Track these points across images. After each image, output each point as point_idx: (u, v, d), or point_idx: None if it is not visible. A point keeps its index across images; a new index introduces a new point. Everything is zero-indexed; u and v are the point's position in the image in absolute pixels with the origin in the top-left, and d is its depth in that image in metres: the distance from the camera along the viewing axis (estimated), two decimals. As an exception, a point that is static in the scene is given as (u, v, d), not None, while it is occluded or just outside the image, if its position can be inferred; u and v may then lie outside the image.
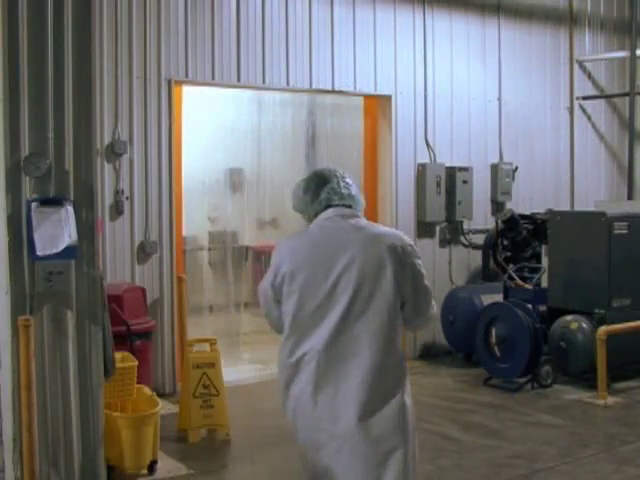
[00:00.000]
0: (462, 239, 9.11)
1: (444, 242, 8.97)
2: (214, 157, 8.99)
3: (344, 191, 3.33)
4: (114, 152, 6.88)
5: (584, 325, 7.22)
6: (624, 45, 10.54)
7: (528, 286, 7.71)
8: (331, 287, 3.13)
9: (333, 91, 8.25)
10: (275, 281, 3.26)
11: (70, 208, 4.40)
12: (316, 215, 3.33)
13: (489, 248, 8.85)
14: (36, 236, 4.28)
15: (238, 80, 7.56)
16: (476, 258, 9.10)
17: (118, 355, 5.16)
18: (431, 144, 8.79)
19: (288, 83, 7.87)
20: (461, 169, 8.93)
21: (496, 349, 7.39)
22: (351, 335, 3.10)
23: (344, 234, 3.22)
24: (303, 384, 3.14)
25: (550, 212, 8.06)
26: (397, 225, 8.47)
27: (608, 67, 10.57)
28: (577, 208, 9.85)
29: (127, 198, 6.97)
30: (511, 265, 8.20)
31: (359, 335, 3.10)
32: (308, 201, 3.36)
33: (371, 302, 3.12)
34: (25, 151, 4.37)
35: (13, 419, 4.34)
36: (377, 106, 8.65)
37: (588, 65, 10.31)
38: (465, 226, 9.10)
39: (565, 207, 9.80)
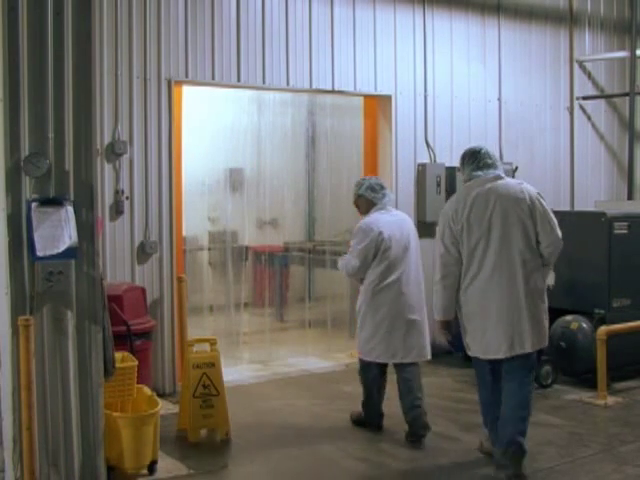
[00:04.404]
0: (462, 239, 9.10)
1: (444, 242, 8.96)
2: (214, 157, 8.99)
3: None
4: (114, 152, 6.88)
5: (584, 325, 7.22)
6: (624, 45, 10.54)
7: (528, 286, 7.71)
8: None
9: (333, 91, 8.25)
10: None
11: (70, 208, 4.41)
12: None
13: (489, 248, 8.84)
14: (36, 236, 4.29)
15: (238, 80, 7.56)
16: (476, 258, 9.09)
17: (118, 355, 5.16)
18: (431, 144, 8.79)
19: (288, 83, 7.87)
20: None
21: (496, 349, 7.38)
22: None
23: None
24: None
25: (550, 212, 8.06)
26: (397, 225, 8.48)
27: (608, 67, 10.57)
28: (577, 208, 9.86)
29: (127, 198, 6.97)
30: (511, 265, 8.19)
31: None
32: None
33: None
34: (25, 151, 4.38)
35: (13, 419, 4.35)
36: (377, 106, 8.65)
37: (588, 65, 10.31)
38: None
39: (565, 207, 9.80)
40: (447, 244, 5.20)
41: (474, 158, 5.33)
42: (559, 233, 5.18)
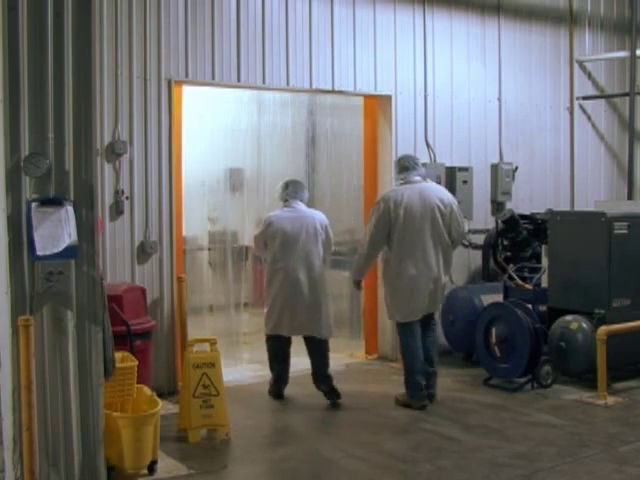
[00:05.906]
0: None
1: (444, 242, 8.96)
2: (214, 157, 8.97)
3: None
4: (114, 152, 6.88)
5: (584, 325, 7.22)
6: (624, 45, 10.54)
7: (528, 286, 7.72)
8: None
9: (333, 91, 8.25)
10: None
11: (70, 208, 4.41)
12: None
13: (489, 248, 8.85)
14: (36, 236, 4.29)
15: (238, 80, 7.56)
16: (476, 258, 9.10)
17: (118, 355, 5.16)
18: (431, 144, 8.79)
19: (288, 83, 7.87)
20: (461, 169, 8.92)
21: (496, 349, 7.39)
22: None
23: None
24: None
25: (550, 212, 8.06)
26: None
27: (608, 67, 10.57)
28: (577, 208, 9.86)
29: (127, 198, 6.97)
30: (511, 265, 8.20)
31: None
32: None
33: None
34: (25, 151, 4.38)
35: (13, 419, 4.35)
36: (377, 106, 8.65)
37: (588, 65, 10.31)
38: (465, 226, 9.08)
39: (565, 207, 9.80)
40: (380, 228, 6.67)
41: (398, 163, 6.95)
42: (465, 229, 7.02)
